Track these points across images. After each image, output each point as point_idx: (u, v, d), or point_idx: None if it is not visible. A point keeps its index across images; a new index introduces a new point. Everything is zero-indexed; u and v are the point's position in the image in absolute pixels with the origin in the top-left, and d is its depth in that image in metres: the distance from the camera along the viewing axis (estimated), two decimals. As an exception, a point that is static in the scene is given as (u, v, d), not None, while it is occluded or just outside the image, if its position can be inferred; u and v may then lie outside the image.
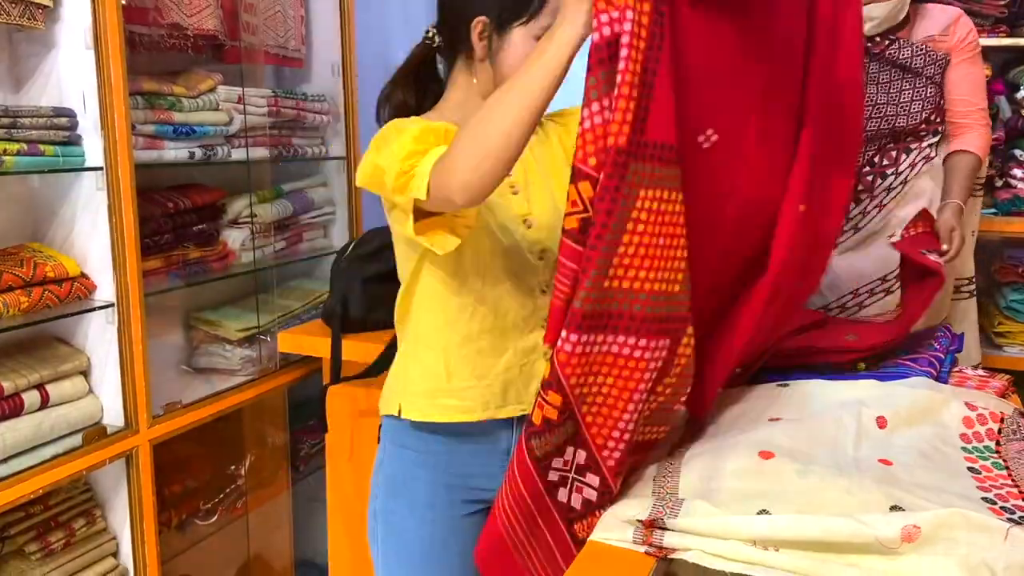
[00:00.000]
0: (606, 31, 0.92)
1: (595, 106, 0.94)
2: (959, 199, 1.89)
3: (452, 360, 1.30)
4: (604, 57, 0.93)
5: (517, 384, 1.32)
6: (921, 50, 1.94)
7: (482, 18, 1.24)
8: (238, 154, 2.10)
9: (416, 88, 1.34)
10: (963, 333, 1.94)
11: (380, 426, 1.43)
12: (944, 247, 1.73)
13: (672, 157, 1.00)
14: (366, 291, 1.96)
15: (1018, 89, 2.27)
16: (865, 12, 1.87)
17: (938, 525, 0.90)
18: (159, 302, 1.97)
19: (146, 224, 1.86)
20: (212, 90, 2.01)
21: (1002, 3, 2.23)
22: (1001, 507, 1.02)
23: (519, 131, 1.00)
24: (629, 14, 0.91)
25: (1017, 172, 2.30)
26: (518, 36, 1.24)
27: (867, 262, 2.01)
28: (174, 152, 1.91)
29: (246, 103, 2.10)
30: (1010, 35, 2.27)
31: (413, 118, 1.23)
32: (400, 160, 1.09)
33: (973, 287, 2.09)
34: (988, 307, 2.42)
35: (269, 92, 2.20)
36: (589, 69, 0.94)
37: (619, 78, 0.91)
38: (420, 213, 1.11)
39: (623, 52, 0.91)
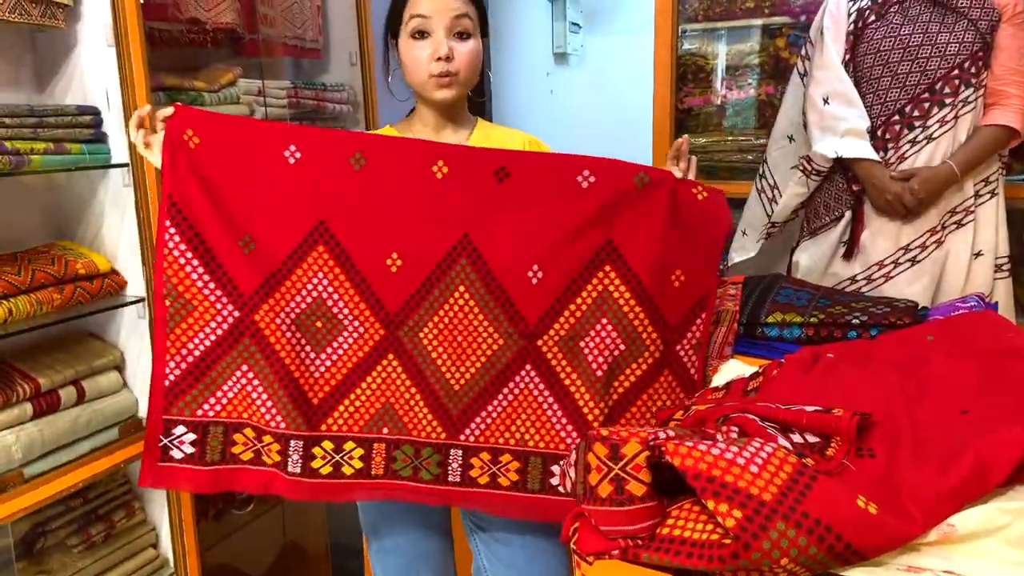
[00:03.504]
0: None
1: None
2: (955, 163, 1.87)
3: None
4: None
5: None
6: None
7: None
8: (260, 146, 2.11)
9: None
10: (996, 302, 1.91)
11: None
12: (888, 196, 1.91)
13: None
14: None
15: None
16: None
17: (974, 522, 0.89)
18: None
19: (173, 219, 1.86)
20: (233, 83, 2.02)
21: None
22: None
23: None
24: None
25: (1049, 138, 2.24)
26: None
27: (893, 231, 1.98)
28: (197, 146, 1.92)
29: (266, 95, 2.11)
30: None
31: None
32: None
33: (1008, 265, 2.06)
34: (1021, 275, 2.37)
35: (288, 84, 2.21)
36: None
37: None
38: None
39: None
